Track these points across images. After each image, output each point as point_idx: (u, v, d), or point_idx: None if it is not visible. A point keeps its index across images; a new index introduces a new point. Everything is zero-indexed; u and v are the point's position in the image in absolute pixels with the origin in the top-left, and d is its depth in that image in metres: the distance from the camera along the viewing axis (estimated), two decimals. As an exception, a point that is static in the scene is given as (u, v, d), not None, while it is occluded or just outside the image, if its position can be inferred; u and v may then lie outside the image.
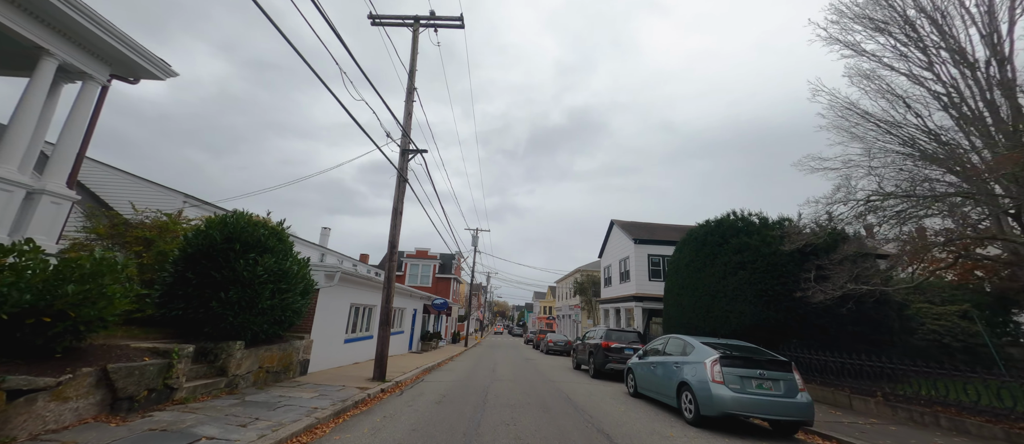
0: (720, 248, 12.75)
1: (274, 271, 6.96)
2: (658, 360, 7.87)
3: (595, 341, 13.06)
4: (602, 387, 10.62)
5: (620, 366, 11.92)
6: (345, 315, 11.51)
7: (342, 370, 10.44)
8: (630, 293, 21.76)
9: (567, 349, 25.16)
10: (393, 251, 9.99)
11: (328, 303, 10.28)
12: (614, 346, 12.17)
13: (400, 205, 10.30)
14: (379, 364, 9.26)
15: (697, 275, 13.76)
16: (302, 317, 8.29)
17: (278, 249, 7.23)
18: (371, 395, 7.53)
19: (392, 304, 9.72)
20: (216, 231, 6.61)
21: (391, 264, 9.91)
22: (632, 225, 25.01)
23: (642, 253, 21.91)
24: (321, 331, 9.89)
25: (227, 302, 6.30)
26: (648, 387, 8.21)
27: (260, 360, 7.17)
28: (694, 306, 13.66)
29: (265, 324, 6.90)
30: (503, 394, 8.59)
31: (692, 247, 14.57)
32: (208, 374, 6.21)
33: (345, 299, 11.41)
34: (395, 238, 10.06)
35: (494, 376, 11.89)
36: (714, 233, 13.37)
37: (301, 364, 8.82)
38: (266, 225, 7.34)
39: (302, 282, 7.89)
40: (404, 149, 10.66)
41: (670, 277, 16.44)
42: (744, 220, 13.17)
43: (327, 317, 10.26)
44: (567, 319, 42.42)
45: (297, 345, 8.57)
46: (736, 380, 5.87)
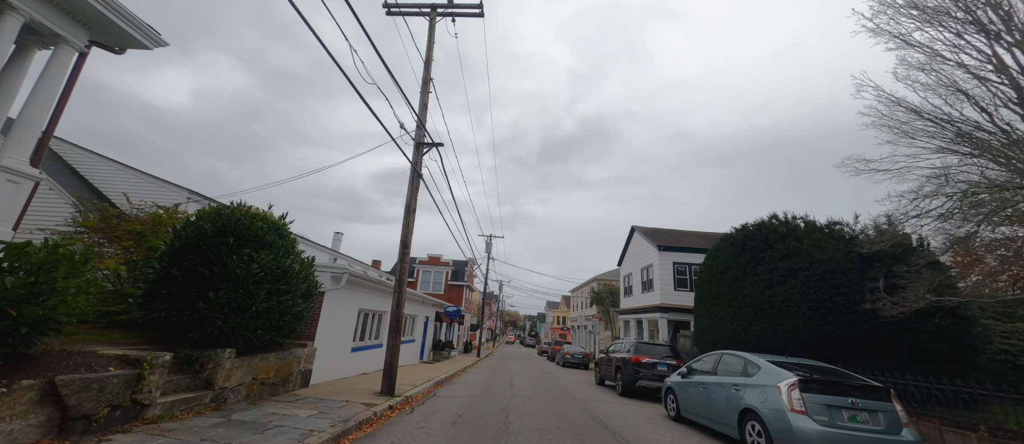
0: (762, 254, 11.53)
1: (272, 270, 6.15)
2: (709, 381, 6.75)
3: (623, 355, 11.90)
4: (635, 408, 9.46)
5: (653, 384, 10.74)
6: (353, 321, 10.68)
7: (348, 382, 9.55)
8: (654, 303, 20.46)
9: (586, 362, 23.88)
10: (405, 252, 9.14)
11: (334, 308, 9.46)
12: (645, 361, 11.00)
13: (413, 202, 9.49)
14: (388, 377, 8.35)
15: (735, 284, 12.52)
16: (304, 323, 7.46)
17: (278, 245, 6.44)
18: (378, 413, 6.60)
19: (403, 310, 8.84)
20: (207, 223, 5.85)
21: (403, 266, 9.06)
22: (655, 231, 23.77)
23: (667, 261, 20.64)
24: (326, 338, 9.06)
25: (216, 303, 5.50)
26: (695, 411, 7.07)
27: (254, 371, 6.33)
28: (732, 318, 12.39)
29: (260, 329, 6.07)
30: (526, 415, 7.56)
31: (728, 254, 13.34)
32: (191, 387, 5.38)
33: (353, 304, 10.59)
34: (407, 237, 9.22)
35: (512, 391, 10.84)
36: (754, 238, 12.15)
37: (302, 375, 7.96)
38: (265, 218, 6.57)
39: (305, 284, 7.08)
40: (418, 142, 9.90)
41: (701, 286, 15.18)
42: (787, 224, 11.93)
43: (333, 323, 9.43)
44: (583, 330, 40.92)
45: (298, 354, 7.73)
46: (821, 410, 4.74)
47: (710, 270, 14.62)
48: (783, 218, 12.25)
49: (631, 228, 25.25)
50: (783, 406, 4.91)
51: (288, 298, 6.45)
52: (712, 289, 14.19)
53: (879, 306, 8.24)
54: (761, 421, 5.12)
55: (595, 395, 11.23)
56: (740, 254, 12.57)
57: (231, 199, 6.83)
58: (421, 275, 34.01)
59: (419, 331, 18.25)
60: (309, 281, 7.34)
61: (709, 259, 15.05)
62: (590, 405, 9.34)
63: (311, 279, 7.46)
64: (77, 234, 6.67)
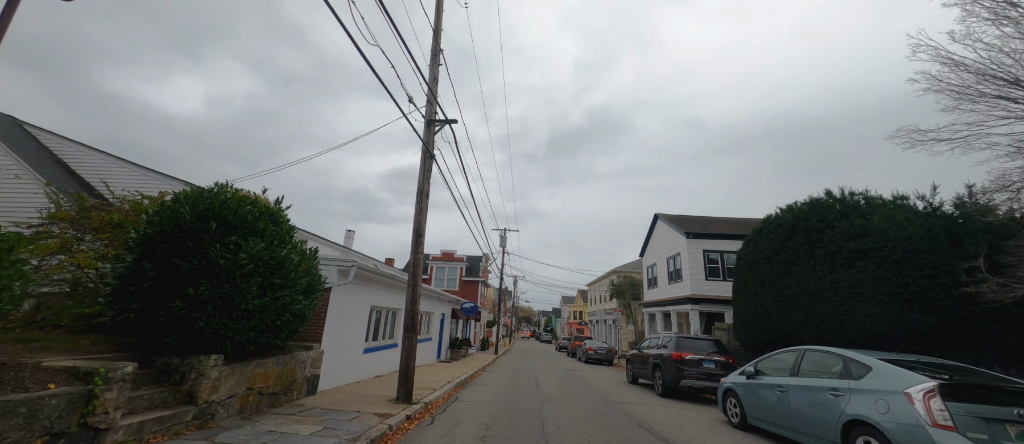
0: (820, 236, 10.18)
1: (265, 261, 5.21)
2: (788, 383, 5.56)
3: (661, 351, 10.73)
4: (684, 412, 8.31)
5: (699, 383, 9.55)
6: (364, 320, 9.77)
7: (361, 387, 8.64)
8: (683, 294, 19.14)
9: (609, 357, 22.73)
10: (419, 240, 8.15)
11: (343, 306, 8.54)
12: (689, 358, 9.82)
13: (426, 185, 8.48)
14: (404, 381, 7.39)
15: (785, 270, 11.20)
16: (307, 322, 6.53)
17: (271, 233, 5.49)
18: (393, 426, 5.62)
19: (418, 306, 7.86)
20: (185, 206, 4.93)
21: (417, 257, 8.07)
22: (682, 218, 22.36)
23: (696, 249, 19.27)
24: (334, 339, 8.15)
25: (197, 301, 4.57)
26: (769, 419, 5.90)
27: (248, 379, 5.41)
28: (783, 308, 11.09)
29: (252, 331, 5.14)
30: (565, 424, 6.50)
31: (774, 238, 12.00)
32: (169, 402, 4.47)
33: (364, 301, 9.68)
34: (421, 225, 8.22)
35: (540, 393, 9.80)
36: (807, 217, 10.79)
37: (308, 381, 7.06)
38: (256, 202, 5.62)
39: (306, 278, 6.14)
40: (429, 119, 8.87)
41: (740, 275, 13.86)
42: (843, 201, 10.51)
43: (342, 323, 8.51)
44: (602, 324, 39.66)
45: (302, 358, 6.81)
46: (978, 426, 3.55)
47: (751, 256, 13.29)
48: (839, 194, 10.84)
49: (654, 216, 23.88)
50: (918, 419, 3.73)
51: (285, 294, 5.50)
52: (755, 277, 12.87)
53: (982, 289, 6.90)
54: (884, 438, 3.95)
55: (632, 396, 10.11)
56: (790, 237, 11.23)
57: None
58: (435, 272, 33.25)
59: (435, 329, 17.37)
60: (311, 275, 6.39)
61: (749, 245, 13.71)
62: (631, 409, 8.23)
63: (314, 273, 6.52)
64: (44, 226, 5.84)
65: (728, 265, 19.08)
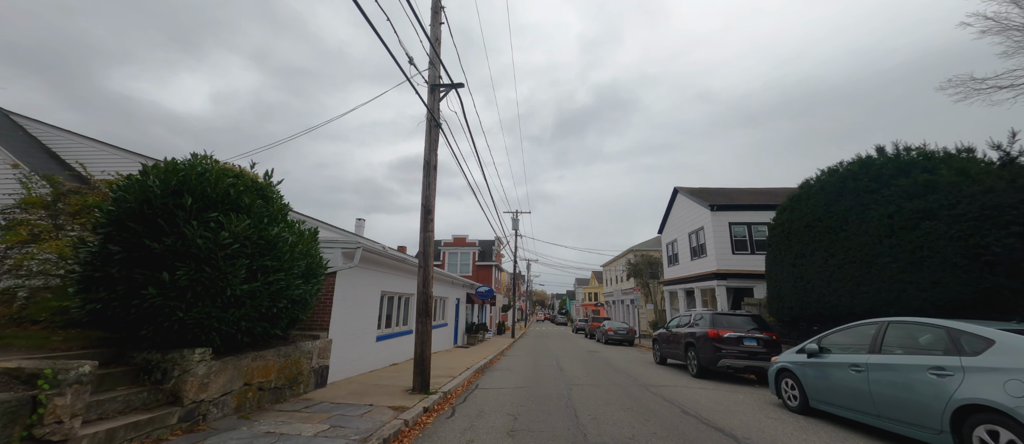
0: (873, 197, 9.10)
1: (253, 241, 4.53)
2: (868, 361, 4.71)
3: (695, 330, 9.92)
4: (729, 394, 7.55)
5: (740, 363, 8.75)
6: (375, 306, 9.17)
7: (375, 377, 8.09)
8: (708, 270, 18.18)
9: (630, 337, 22.07)
10: (429, 217, 7.41)
11: (351, 291, 7.93)
12: (727, 336, 8.99)
13: (433, 157, 7.69)
14: (420, 370, 6.77)
15: (829, 237, 10.18)
16: (309, 309, 5.91)
17: (259, 210, 4.80)
18: (410, 421, 5.00)
19: (431, 289, 7.18)
20: (156, 179, 4.23)
21: (427, 235, 7.35)
22: (703, 191, 21.19)
23: (721, 222, 18.19)
24: (343, 327, 7.56)
25: (173, 287, 3.92)
26: (841, 402, 5.09)
27: (245, 374, 4.82)
28: (828, 278, 10.11)
29: (243, 320, 4.51)
30: (600, 413, 5.80)
31: (815, 202, 10.92)
32: (149, 403, 3.88)
33: (373, 286, 9.06)
34: (429, 200, 7.48)
35: (565, 377, 9.15)
36: (856, 178, 9.68)
37: (316, 373, 6.48)
38: (241, 176, 4.92)
39: (304, 260, 5.48)
40: (433, 84, 8.01)
41: (774, 246, 12.85)
42: (898, 159, 9.33)
43: (351, 309, 7.91)
44: (619, 305, 38.96)
45: (308, 348, 6.22)
46: None
47: (788, 225, 12.24)
48: (893, 151, 9.66)
49: (673, 190, 22.74)
50: (1078, 406, 2.88)
51: (280, 278, 4.83)
52: (792, 247, 11.86)
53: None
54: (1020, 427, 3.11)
55: (665, 378, 9.38)
56: (836, 200, 10.16)
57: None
58: (448, 257, 32.80)
59: (451, 314, 16.87)
60: (311, 257, 5.73)
61: (785, 213, 12.64)
62: (668, 392, 7.50)
63: (314, 255, 5.85)
64: (13, 213, 5.25)
65: (756, 238, 18.00)
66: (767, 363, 8.73)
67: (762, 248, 18.14)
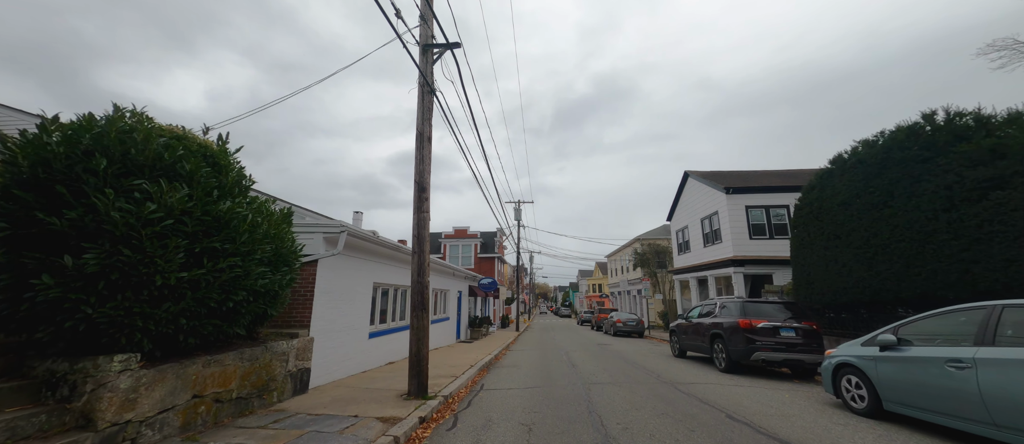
0: (925, 167, 8.06)
1: (195, 217, 3.56)
2: (978, 356, 3.73)
3: (723, 319, 8.94)
4: (773, 393, 6.59)
5: (777, 356, 7.79)
6: (367, 300, 8.22)
7: (367, 379, 7.17)
8: (724, 256, 17.19)
9: (640, 329, 21.16)
10: (423, 196, 6.42)
11: (337, 283, 6.97)
12: (761, 326, 8.02)
13: (426, 128, 6.67)
14: (416, 371, 5.83)
15: (870, 215, 9.16)
16: (280, 303, 4.96)
17: (206, 180, 3.82)
18: (401, 438, 4.05)
19: (427, 278, 6.21)
20: (59, 137, 3.24)
21: (422, 217, 6.36)
22: (717, 174, 20.12)
23: (737, 205, 17.15)
24: (328, 323, 6.62)
25: (77, 275, 2.95)
26: (932, 405, 4.12)
27: (194, 384, 3.86)
28: (869, 260, 9.11)
29: (183, 316, 3.56)
30: (631, 421, 4.86)
31: (851, 178, 9.89)
32: (50, 428, 2.93)
33: (365, 277, 8.10)
34: (423, 176, 6.48)
35: (580, 374, 8.22)
36: (904, 147, 8.63)
37: (294, 377, 5.54)
38: (183, 137, 3.93)
39: (271, 244, 4.51)
40: (425, 44, 6.97)
41: (802, 228, 11.85)
42: (946, 127, 8.23)
43: (337, 303, 6.96)
44: (626, 295, 38.08)
45: (281, 349, 5.27)
46: None
47: (817, 205, 11.22)
48: (943, 118, 8.56)
49: (684, 174, 21.66)
50: None
51: (234, 264, 3.86)
52: (824, 228, 10.86)
53: None
54: None
55: (691, 373, 8.43)
56: (878, 174, 9.12)
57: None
58: (449, 250, 31.87)
59: (453, 308, 15.96)
60: (281, 241, 4.76)
61: (814, 192, 11.60)
62: (702, 392, 6.55)
63: (285, 239, 4.88)
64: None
65: (775, 221, 16.97)
66: (807, 356, 7.77)
67: (781, 232, 17.14)
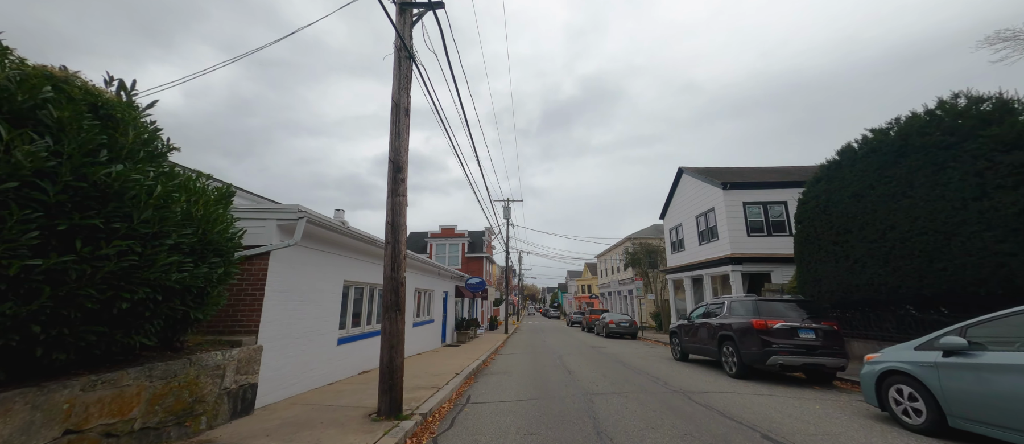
0: (950, 153, 7.46)
1: (64, 183, 2.51)
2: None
3: (731, 320, 8.18)
4: (798, 403, 5.82)
5: (796, 359, 7.04)
6: (336, 300, 7.17)
7: (331, 393, 6.12)
8: (721, 255, 16.60)
9: (633, 330, 20.46)
10: (399, 177, 5.44)
11: (295, 280, 5.91)
12: (777, 327, 7.26)
13: (404, 98, 5.69)
14: (388, 385, 4.83)
15: (885, 206, 8.55)
16: (211, 304, 3.91)
17: (86, 135, 2.77)
18: (358, 479, 3.06)
19: (402, 273, 5.21)
20: None
21: (397, 201, 5.37)
22: (713, 170, 19.59)
23: (735, 202, 16.59)
24: (282, 328, 5.55)
25: None
26: (1013, 422, 3.35)
27: (67, 415, 2.81)
28: (885, 256, 8.49)
29: (37, 321, 2.49)
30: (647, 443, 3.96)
31: (863, 168, 9.29)
32: None
33: (332, 273, 7.05)
34: (399, 154, 5.50)
35: (578, 382, 7.33)
36: (924, 132, 8.02)
37: (233, 397, 4.47)
38: (50, 77, 2.88)
39: (193, 228, 3.47)
40: (404, 2, 5.99)
41: (807, 223, 11.25)
42: (969, 111, 7.66)
43: (296, 304, 5.90)
44: (616, 296, 37.51)
45: (214, 362, 4.20)
46: None
47: (825, 198, 10.62)
48: (965, 103, 7.98)
49: (678, 170, 21.10)
50: None
51: (127, 250, 2.82)
52: (832, 222, 10.25)
53: None
54: None
55: (700, 380, 7.63)
56: (896, 162, 8.51)
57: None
58: (435, 249, 30.73)
59: (437, 309, 14.91)
60: (211, 224, 3.71)
61: (819, 185, 11.01)
62: (720, 402, 5.73)
63: (220, 222, 3.84)
64: None
65: (772, 218, 16.47)
66: (829, 359, 7.04)
67: (779, 229, 16.68)
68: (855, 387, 7.09)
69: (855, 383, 7.21)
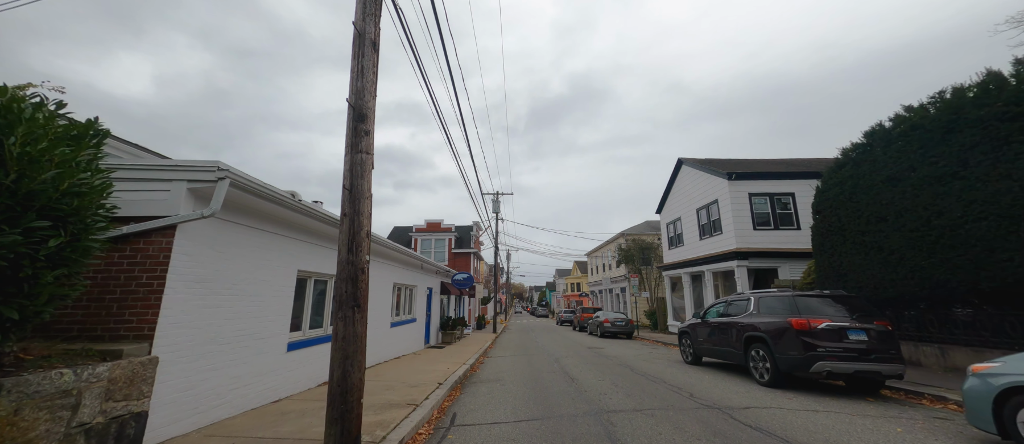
0: (1016, 125, 6.45)
1: None
2: None
3: (764, 319, 7.00)
4: (873, 423, 4.66)
5: (848, 367, 5.89)
6: (286, 295, 5.69)
7: (272, 415, 4.66)
8: (725, 249, 15.61)
9: (628, 329, 19.41)
10: (361, 127, 4.02)
11: (221, 266, 4.43)
12: (823, 327, 6.12)
13: (370, 27, 4.29)
14: (340, 411, 3.43)
15: (933, 190, 7.54)
16: (48, 297, 2.43)
17: None
18: None
19: (364, 254, 3.80)
20: None
21: (359, 158, 3.96)
22: (716, 161, 18.62)
23: (740, 193, 15.61)
24: (198, 331, 4.07)
25: None
26: None
27: None
28: (932, 245, 7.48)
29: None
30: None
31: (902, 148, 8.28)
32: None
33: (280, 261, 5.57)
34: (363, 99, 4.10)
35: (584, 393, 6.06)
36: (980, 104, 7.01)
37: (100, 437, 2.99)
38: None
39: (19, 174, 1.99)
40: (374, -97, 4.55)
41: (830, 212, 10.24)
42: None
43: (222, 299, 4.42)
44: (607, 294, 36.56)
45: (59, 386, 2.72)
46: None
47: (849, 185, 9.61)
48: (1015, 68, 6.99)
49: (677, 162, 20.09)
50: None
51: None
52: (861, 210, 9.24)
53: None
54: None
55: (731, 390, 6.45)
56: (945, 138, 7.49)
57: None
58: (420, 244, 29.13)
59: (420, 307, 13.45)
60: (43, 168, 2.25)
61: (842, 170, 10.00)
62: (771, 421, 4.53)
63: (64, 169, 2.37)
64: None
65: (780, 210, 15.55)
66: (885, 366, 5.92)
67: (787, 222, 15.79)
68: (911, 398, 6.01)
69: (908, 393, 6.14)
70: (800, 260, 14.40)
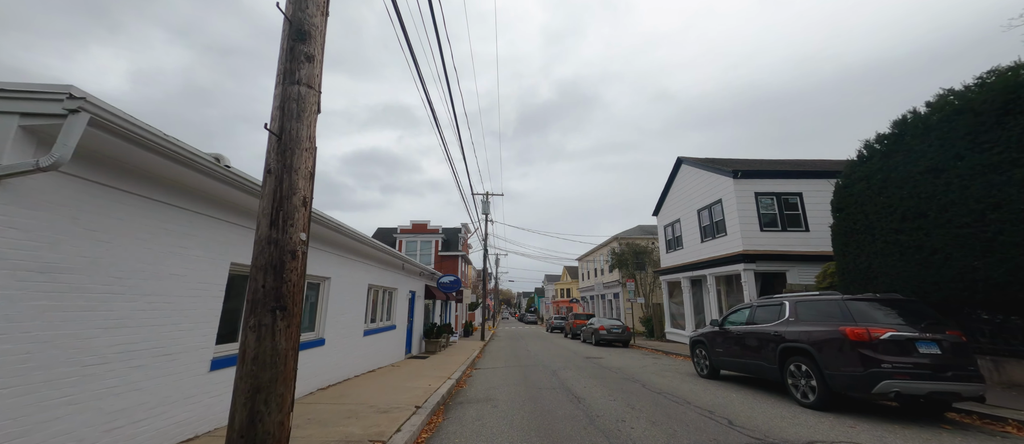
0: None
1: None
2: None
3: (808, 328, 5.91)
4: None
5: (922, 386, 4.80)
6: (211, 295, 4.31)
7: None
8: (731, 251, 14.67)
9: (625, 337, 18.26)
10: (301, 44, 2.74)
11: (95, 251, 3.06)
12: (887, 338, 5.05)
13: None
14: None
15: (986, 179, 6.62)
16: None
17: None
18: None
19: (301, 233, 2.51)
20: None
21: (292, 94, 2.68)
22: (719, 161, 17.77)
23: (746, 193, 14.73)
24: (25, 351, 2.69)
25: None
26: None
27: None
28: (988, 242, 6.54)
29: None
30: None
31: (947, 135, 7.39)
32: None
33: (204, 251, 4.20)
34: (304, 11, 2.82)
35: (599, 423, 4.84)
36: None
37: None
38: None
39: None
40: None
41: (856, 208, 9.32)
42: None
43: (83, 298, 3.04)
44: (599, 300, 35.51)
45: None
46: None
47: (879, 178, 8.70)
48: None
49: (677, 161, 19.22)
50: None
51: None
52: (894, 205, 8.31)
53: None
54: None
55: (777, 416, 5.30)
56: (996, 125, 6.60)
57: None
58: (405, 246, 27.59)
59: (401, 313, 12.04)
60: None
61: (870, 162, 9.09)
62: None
63: None
64: None
65: (788, 211, 14.71)
66: (964, 385, 4.86)
67: (795, 224, 14.95)
68: (990, 423, 4.97)
69: (982, 417, 5.11)
70: (810, 263, 13.54)
